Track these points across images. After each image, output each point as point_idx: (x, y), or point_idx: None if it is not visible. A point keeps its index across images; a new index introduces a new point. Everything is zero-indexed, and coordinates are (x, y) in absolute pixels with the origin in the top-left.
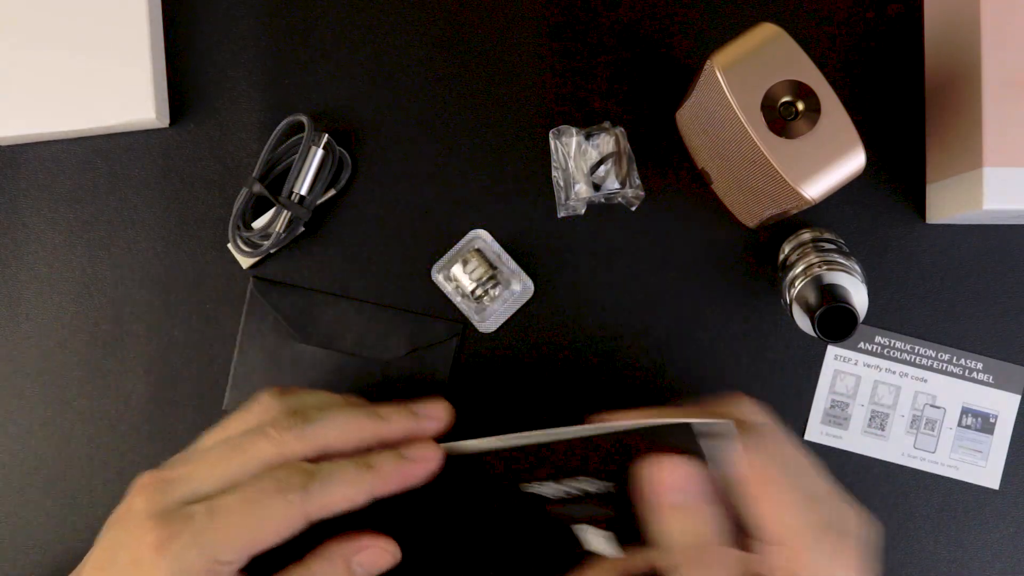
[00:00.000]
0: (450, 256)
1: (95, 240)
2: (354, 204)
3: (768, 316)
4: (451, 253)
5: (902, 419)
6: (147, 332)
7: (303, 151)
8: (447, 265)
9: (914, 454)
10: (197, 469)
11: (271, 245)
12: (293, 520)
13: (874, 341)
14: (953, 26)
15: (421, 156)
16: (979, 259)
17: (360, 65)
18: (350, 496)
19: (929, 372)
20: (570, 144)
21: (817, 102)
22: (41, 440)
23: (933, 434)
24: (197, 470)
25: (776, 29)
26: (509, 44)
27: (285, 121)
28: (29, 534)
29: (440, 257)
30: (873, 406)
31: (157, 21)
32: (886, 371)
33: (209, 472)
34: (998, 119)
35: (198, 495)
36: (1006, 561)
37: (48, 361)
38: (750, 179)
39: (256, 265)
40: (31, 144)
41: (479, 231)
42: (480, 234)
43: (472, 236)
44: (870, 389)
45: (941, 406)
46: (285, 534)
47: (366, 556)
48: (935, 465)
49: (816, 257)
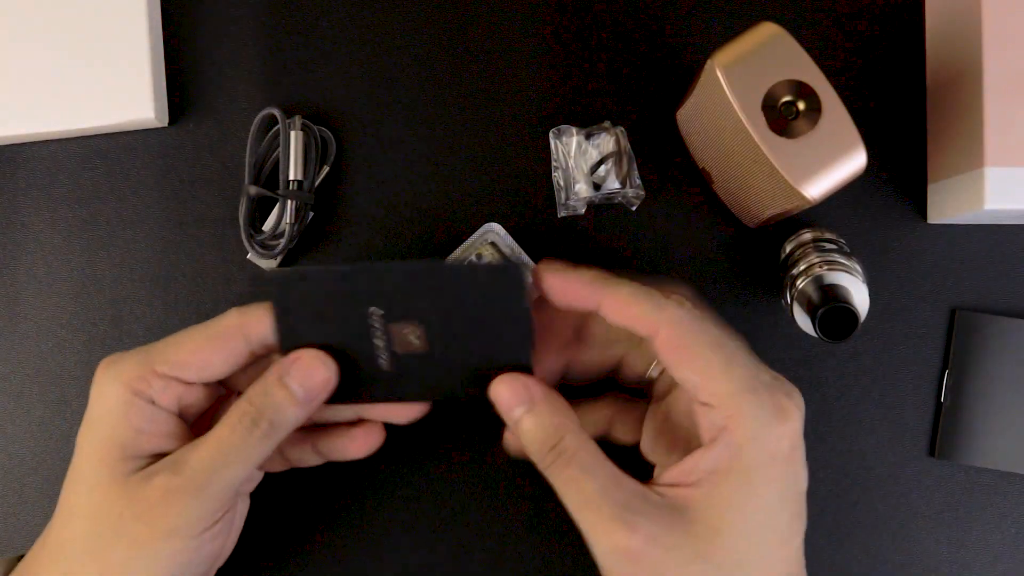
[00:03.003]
0: (462, 249)
1: (94, 240)
2: (355, 204)
3: (768, 316)
4: (464, 246)
5: None
6: (146, 332)
7: (283, 140)
8: (459, 258)
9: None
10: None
11: (288, 240)
12: (232, 331)
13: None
14: (954, 25)
15: (421, 156)
16: (981, 259)
17: (359, 65)
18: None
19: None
20: (570, 144)
21: (818, 102)
22: (40, 440)
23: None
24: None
25: (777, 28)
26: (509, 44)
27: (257, 119)
28: (28, 534)
29: (443, 255)
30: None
31: (156, 20)
32: None
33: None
34: (999, 119)
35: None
36: (1008, 562)
37: (47, 361)
38: (751, 179)
39: (281, 265)
40: (30, 144)
41: (493, 224)
42: (494, 227)
43: (485, 229)
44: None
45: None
46: (225, 348)
47: (297, 369)
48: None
49: (817, 257)
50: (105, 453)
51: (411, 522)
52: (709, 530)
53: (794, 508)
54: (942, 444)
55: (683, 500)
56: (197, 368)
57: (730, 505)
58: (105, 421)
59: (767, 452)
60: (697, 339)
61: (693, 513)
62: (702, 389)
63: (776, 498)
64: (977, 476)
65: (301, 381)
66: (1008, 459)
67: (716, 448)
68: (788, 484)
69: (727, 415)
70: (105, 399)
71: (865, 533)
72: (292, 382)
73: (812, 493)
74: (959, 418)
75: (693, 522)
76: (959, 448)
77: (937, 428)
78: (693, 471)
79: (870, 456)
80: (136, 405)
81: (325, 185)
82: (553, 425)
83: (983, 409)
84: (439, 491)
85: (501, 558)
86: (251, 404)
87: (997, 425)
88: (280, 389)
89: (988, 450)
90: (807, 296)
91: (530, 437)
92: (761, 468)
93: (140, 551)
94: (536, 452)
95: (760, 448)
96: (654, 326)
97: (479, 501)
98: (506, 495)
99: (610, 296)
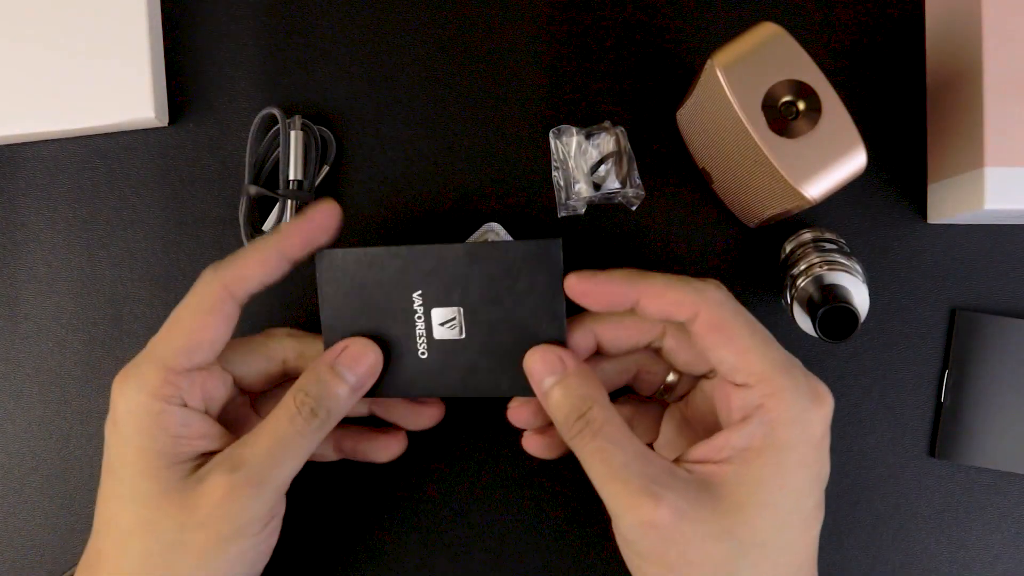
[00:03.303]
0: None
1: (94, 239)
2: (355, 204)
3: (768, 316)
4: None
5: None
6: (146, 332)
7: (283, 139)
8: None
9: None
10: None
11: None
12: (217, 294)
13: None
14: (955, 25)
15: (421, 156)
16: (981, 259)
17: (359, 64)
18: (260, 259)
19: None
20: (570, 144)
21: (818, 101)
22: (40, 440)
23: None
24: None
25: (777, 28)
26: (509, 44)
27: (257, 119)
28: (28, 534)
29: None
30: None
31: (156, 19)
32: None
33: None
34: (999, 118)
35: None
36: (1008, 562)
37: (47, 361)
38: (751, 179)
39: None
40: (30, 143)
41: (493, 224)
42: (494, 227)
43: (485, 229)
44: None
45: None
46: (218, 315)
47: (347, 356)
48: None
49: (817, 257)
50: (146, 465)
51: (411, 522)
52: (736, 507)
53: (818, 495)
54: (942, 444)
55: (712, 476)
56: (208, 346)
57: (760, 484)
58: (140, 435)
59: (802, 434)
60: (736, 319)
61: (722, 489)
62: (740, 369)
63: (805, 482)
64: (977, 476)
65: (352, 368)
66: (1008, 459)
67: (750, 425)
68: (817, 469)
69: (765, 393)
70: (135, 414)
71: (865, 533)
72: (344, 370)
73: None
74: (959, 418)
75: (721, 498)
76: (959, 448)
77: (937, 428)
78: (724, 447)
79: (870, 456)
80: (168, 411)
81: (325, 185)
82: (581, 395)
83: (983, 409)
84: (439, 491)
85: (501, 558)
86: (308, 395)
87: (997, 425)
88: (334, 377)
89: (988, 450)
90: (807, 296)
91: (558, 405)
92: (795, 449)
93: (207, 558)
94: (563, 421)
95: (796, 429)
96: (694, 307)
97: (480, 501)
98: (507, 495)
99: (647, 287)
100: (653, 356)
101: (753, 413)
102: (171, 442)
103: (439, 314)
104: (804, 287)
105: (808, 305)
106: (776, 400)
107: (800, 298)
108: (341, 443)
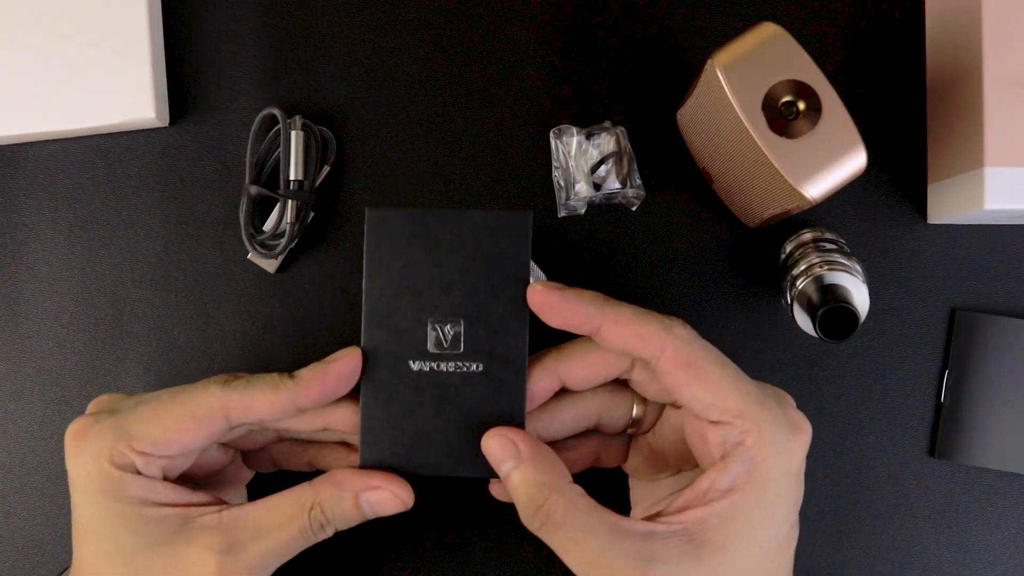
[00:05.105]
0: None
1: (95, 239)
2: (355, 204)
3: (768, 316)
4: None
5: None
6: (147, 332)
7: (284, 139)
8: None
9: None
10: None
11: (288, 240)
12: (213, 413)
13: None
14: (955, 25)
15: (421, 155)
16: (980, 259)
17: (360, 64)
18: (271, 399)
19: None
20: (570, 144)
21: (818, 102)
22: (40, 440)
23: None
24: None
25: (777, 28)
26: (509, 44)
27: (257, 119)
28: (28, 534)
29: None
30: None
31: (157, 20)
32: None
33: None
34: (1000, 119)
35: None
36: (1008, 562)
37: (47, 361)
38: (751, 179)
39: (281, 268)
40: (30, 143)
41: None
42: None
43: None
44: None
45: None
46: (203, 430)
47: (375, 496)
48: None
49: (817, 257)
50: (124, 524)
51: (411, 521)
52: (718, 549)
53: (793, 519)
54: (942, 444)
55: (695, 523)
56: (178, 448)
57: (743, 522)
58: (107, 496)
59: (783, 466)
60: (706, 355)
61: (704, 535)
62: (715, 406)
63: (784, 512)
64: (977, 476)
65: (375, 507)
66: (1008, 459)
67: (733, 465)
68: (795, 498)
69: (744, 429)
70: (93, 478)
71: (865, 533)
72: (367, 506)
73: (812, 493)
74: (959, 418)
75: (703, 544)
76: (959, 448)
77: (937, 428)
78: (710, 491)
79: (870, 456)
80: (127, 479)
81: (325, 185)
82: (537, 484)
83: (983, 409)
84: (439, 491)
85: (501, 558)
86: (323, 511)
87: (997, 425)
88: (354, 508)
89: (988, 450)
90: (807, 296)
91: (517, 495)
92: (776, 483)
93: None
94: (524, 514)
95: (778, 462)
96: (660, 344)
97: (480, 501)
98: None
99: (613, 315)
100: (614, 399)
101: (733, 450)
102: (136, 507)
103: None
104: (804, 287)
105: (808, 305)
106: (756, 436)
107: (800, 298)
108: (314, 462)
